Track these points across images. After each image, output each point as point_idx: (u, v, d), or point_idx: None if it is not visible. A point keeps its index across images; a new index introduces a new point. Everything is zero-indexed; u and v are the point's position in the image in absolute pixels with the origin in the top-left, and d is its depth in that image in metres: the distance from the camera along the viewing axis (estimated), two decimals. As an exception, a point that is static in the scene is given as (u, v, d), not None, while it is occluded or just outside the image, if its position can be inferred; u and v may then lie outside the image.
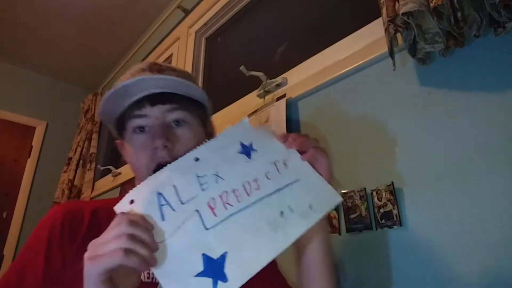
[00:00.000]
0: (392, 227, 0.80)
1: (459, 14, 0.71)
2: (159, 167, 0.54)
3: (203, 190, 0.49)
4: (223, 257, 0.44)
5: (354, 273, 0.85)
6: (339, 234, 0.90)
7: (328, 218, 0.93)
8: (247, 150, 0.54)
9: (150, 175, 0.52)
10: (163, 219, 0.46)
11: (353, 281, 0.85)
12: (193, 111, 0.63)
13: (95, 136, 2.68)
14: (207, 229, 0.46)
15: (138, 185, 0.49)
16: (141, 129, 0.60)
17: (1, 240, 2.53)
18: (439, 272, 0.72)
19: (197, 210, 0.47)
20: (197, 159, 0.52)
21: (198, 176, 0.50)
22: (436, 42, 0.76)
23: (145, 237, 0.43)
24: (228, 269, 0.43)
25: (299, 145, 0.56)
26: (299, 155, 0.55)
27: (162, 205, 0.47)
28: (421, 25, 0.75)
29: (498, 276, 0.64)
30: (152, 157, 0.57)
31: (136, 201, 0.47)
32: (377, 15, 0.98)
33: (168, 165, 0.51)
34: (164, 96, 0.59)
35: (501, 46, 0.74)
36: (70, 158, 2.71)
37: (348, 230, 0.88)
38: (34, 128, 2.92)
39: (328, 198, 0.52)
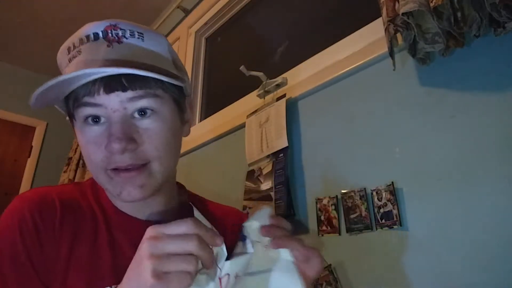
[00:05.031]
0: (392, 227, 0.80)
1: (459, 14, 0.71)
2: (118, 170, 0.46)
3: None
4: None
5: (354, 273, 0.85)
6: (339, 234, 0.90)
7: (328, 218, 0.93)
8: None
9: (105, 178, 0.47)
10: None
11: (353, 281, 0.85)
12: (165, 96, 0.49)
13: (95, 136, 2.68)
14: None
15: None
16: (96, 119, 0.47)
17: (1, 240, 2.52)
18: (439, 272, 0.72)
19: None
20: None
21: None
22: (436, 42, 0.76)
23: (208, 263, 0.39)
24: None
25: (286, 246, 0.45)
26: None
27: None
28: (421, 25, 0.75)
29: (498, 276, 0.64)
30: (107, 159, 0.47)
31: None
32: (377, 15, 0.99)
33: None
34: (125, 80, 0.45)
35: (501, 46, 0.74)
36: (70, 158, 2.70)
37: (348, 230, 0.88)
38: (34, 128, 2.93)
39: None
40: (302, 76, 1.20)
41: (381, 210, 0.83)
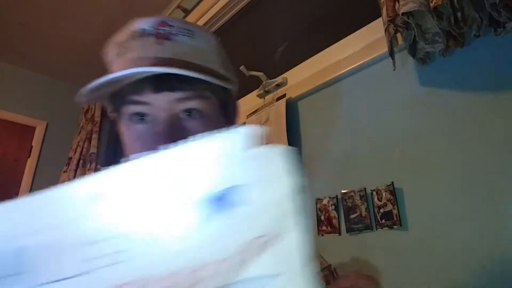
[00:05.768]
0: (392, 227, 0.80)
1: (459, 14, 0.71)
2: None
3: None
4: None
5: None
6: (339, 234, 0.90)
7: (328, 218, 0.93)
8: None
9: None
10: None
11: (353, 281, 0.85)
12: (212, 97, 0.47)
13: (95, 136, 2.68)
14: None
15: None
16: (141, 116, 0.45)
17: (1, 240, 2.53)
18: (439, 272, 0.72)
19: None
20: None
21: None
22: (436, 42, 0.76)
23: None
24: None
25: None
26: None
27: None
28: (421, 25, 0.75)
29: (498, 276, 0.64)
30: None
31: None
32: (377, 15, 0.98)
33: None
34: (174, 80, 0.43)
35: (501, 46, 0.73)
36: (70, 158, 2.70)
37: (348, 230, 0.88)
38: (34, 128, 2.92)
39: None
40: (302, 76, 1.20)
41: (381, 210, 0.83)
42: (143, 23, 0.46)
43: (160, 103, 0.44)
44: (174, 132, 0.44)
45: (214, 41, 0.51)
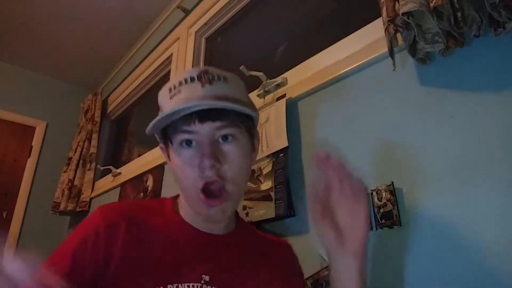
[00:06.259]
0: (392, 227, 0.80)
1: (459, 14, 0.71)
2: (206, 185, 0.57)
3: None
4: None
5: (354, 273, 0.85)
6: (339, 234, 0.90)
7: (328, 218, 0.93)
8: None
9: (197, 191, 0.57)
10: None
11: (353, 281, 0.85)
12: (242, 126, 0.61)
13: (95, 136, 2.68)
14: None
15: None
16: (188, 143, 0.59)
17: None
18: (439, 272, 0.72)
19: None
20: None
21: None
22: (436, 42, 0.76)
23: None
24: None
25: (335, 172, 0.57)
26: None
27: None
28: (421, 25, 0.75)
29: (498, 276, 0.64)
30: (199, 175, 0.57)
31: None
32: (377, 15, 0.99)
33: None
34: (214, 112, 0.57)
35: (501, 46, 0.74)
36: (70, 158, 2.70)
37: (348, 230, 0.88)
38: (34, 128, 2.92)
39: None
40: (302, 76, 1.20)
41: (381, 210, 0.83)
42: (190, 73, 0.60)
43: (204, 131, 0.58)
44: (215, 155, 0.57)
45: (241, 84, 0.65)
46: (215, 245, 0.65)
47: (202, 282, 0.58)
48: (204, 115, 0.57)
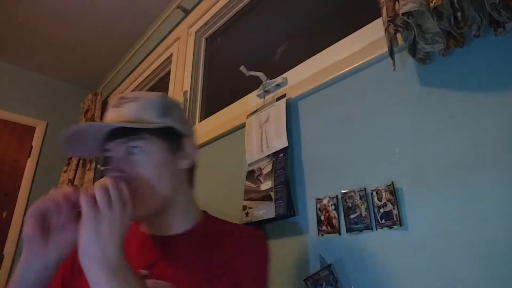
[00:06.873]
0: (392, 227, 0.80)
1: (459, 14, 0.71)
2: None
3: None
4: None
5: (354, 273, 0.85)
6: (339, 234, 0.90)
7: (328, 218, 0.93)
8: None
9: None
10: None
11: (353, 281, 0.85)
12: (152, 137, 0.68)
13: (95, 136, 2.67)
14: None
15: None
16: (108, 160, 0.69)
17: (1, 240, 2.53)
18: (439, 272, 0.72)
19: None
20: None
21: None
22: (436, 42, 0.76)
23: None
24: None
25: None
26: None
27: None
28: (421, 25, 0.75)
29: (499, 275, 0.64)
30: None
31: None
32: (377, 15, 0.99)
33: None
34: (120, 130, 0.66)
35: (501, 46, 0.74)
36: (70, 158, 2.70)
37: (348, 230, 0.88)
38: (34, 128, 2.92)
39: None
40: (302, 76, 1.20)
41: (381, 210, 0.83)
42: (111, 100, 0.72)
43: (114, 147, 0.67)
44: (118, 167, 0.65)
45: (157, 100, 0.72)
46: (157, 245, 0.71)
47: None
48: (112, 133, 0.67)
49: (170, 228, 0.72)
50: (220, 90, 1.84)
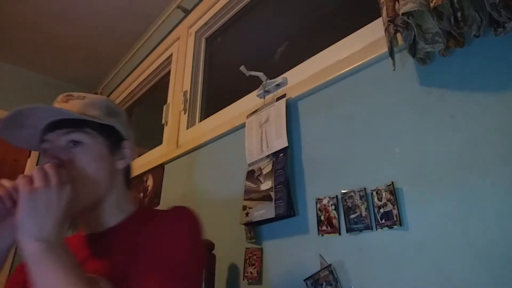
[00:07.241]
0: (392, 227, 0.80)
1: (459, 14, 0.71)
2: None
3: None
4: None
5: (354, 273, 0.85)
6: (339, 234, 0.90)
7: (328, 218, 0.93)
8: None
9: None
10: None
11: (353, 281, 0.85)
12: (94, 133, 0.70)
13: (95, 136, 2.68)
14: None
15: None
16: (46, 151, 0.68)
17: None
18: (439, 272, 0.72)
19: None
20: None
21: None
22: (436, 42, 0.76)
23: None
24: None
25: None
26: None
27: None
28: (421, 25, 0.75)
29: (499, 275, 0.64)
30: None
31: None
32: (377, 15, 0.99)
33: None
34: (63, 122, 0.67)
35: (501, 46, 0.74)
36: (70, 158, 2.70)
37: (348, 230, 0.88)
38: (34, 128, 2.92)
39: None
40: (302, 76, 1.20)
41: (381, 210, 0.83)
42: (58, 97, 0.74)
43: (53, 137, 0.68)
44: (57, 156, 0.66)
45: (104, 102, 0.76)
46: (89, 242, 0.72)
47: None
48: (54, 124, 0.68)
49: (102, 223, 0.72)
50: (220, 90, 1.84)
